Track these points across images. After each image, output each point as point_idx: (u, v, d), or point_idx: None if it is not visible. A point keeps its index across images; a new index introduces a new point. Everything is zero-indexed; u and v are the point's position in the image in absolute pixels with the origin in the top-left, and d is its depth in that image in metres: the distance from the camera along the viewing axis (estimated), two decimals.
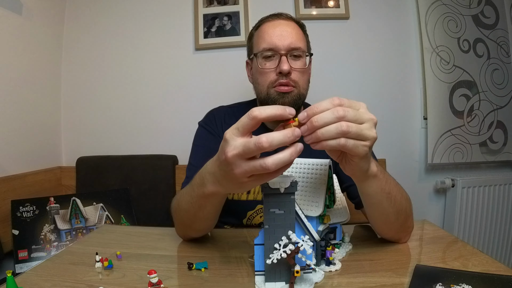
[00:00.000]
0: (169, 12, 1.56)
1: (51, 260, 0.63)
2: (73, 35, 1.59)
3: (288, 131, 0.42)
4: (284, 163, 0.43)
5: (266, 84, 0.84)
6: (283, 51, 0.81)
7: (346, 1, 1.50)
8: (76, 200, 1.29)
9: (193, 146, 0.92)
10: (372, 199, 0.61)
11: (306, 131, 0.46)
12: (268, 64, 0.84)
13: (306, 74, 0.86)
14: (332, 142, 0.46)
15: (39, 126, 1.45)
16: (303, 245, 0.45)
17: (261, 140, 0.41)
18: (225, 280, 0.54)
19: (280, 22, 0.85)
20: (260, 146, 0.41)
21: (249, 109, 0.44)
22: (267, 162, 0.42)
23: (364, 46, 1.51)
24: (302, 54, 0.84)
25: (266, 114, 0.42)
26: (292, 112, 0.43)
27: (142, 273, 0.55)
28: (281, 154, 0.43)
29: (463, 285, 0.47)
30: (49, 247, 1.20)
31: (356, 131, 0.47)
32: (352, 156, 0.50)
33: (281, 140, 0.42)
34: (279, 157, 0.42)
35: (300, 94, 0.84)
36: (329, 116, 0.46)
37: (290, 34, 0.83)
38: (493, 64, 1.53)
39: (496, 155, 1.55)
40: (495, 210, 1.52)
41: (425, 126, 1.52)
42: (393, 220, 0.63)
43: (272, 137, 0.41)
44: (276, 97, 0.83)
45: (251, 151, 0.42)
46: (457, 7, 1.49)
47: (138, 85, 1.58)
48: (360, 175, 0.56)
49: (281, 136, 0.42)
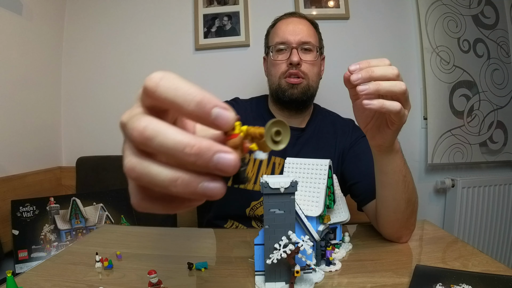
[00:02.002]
0: (169, 12, 1.56)
1: (51, 260, 0.63)
2: (73, 35, 1.59)
3: (192, 139, 0.20)
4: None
5: (278, 74, 0.91)
6: (294, 44, 0.88)
7: (346, 1, 1.50)
8: (76, 200, 1.29)
9: None
10: (389, 178, 0.62)
11: (358, 79, 0.45)
12: (281, 56, 0.91)
13: (316, 67, 0.92)
14: (388, 103, 0.46)
15: (39, 126, 1.45)
16: (303, 245, 0.45)
17: (137, 124, 0.21)
18: (225, 280, 0.54)
19: (293, 20, 0.93)
20: (129, 132, 0.23)
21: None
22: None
23: (364, 46, 1.51)
24: (312, 48, 0.90)
25: (165, 87, 0.22)
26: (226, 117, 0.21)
27: (142, 273, 0.55)
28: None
29: (463, 285, 0.47)
30: (49, 247, 1.20)
31: (407, 97, 0.48)
32: (391, 124, 0.52)
33: (173, 143, 0.20)
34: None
35: (309, 85, 0.90)
36: (389, 71, 0.46)
37: (302, 30, 0.90)
38: (493, 64, 1.53)
39: (496, 155, 1.55)
40: (495, 210, 1.51)
41: (425, 126, 1.52)
42: (403, 208, 0.64)
43: (159, 129, 0.21)
44: (286, 87, 0.89)
45: (126, 132, 0.24)
46: (457, 7, 1.49)
47: (138, 85, 1.51)
48: (387, 147, 0.58)
49: (178, 137, 0.20)
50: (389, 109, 0.47)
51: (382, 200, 0.67)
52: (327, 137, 0.93)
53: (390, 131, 0.53)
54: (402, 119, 0.50)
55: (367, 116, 0.55)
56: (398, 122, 0.51)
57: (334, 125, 0.96)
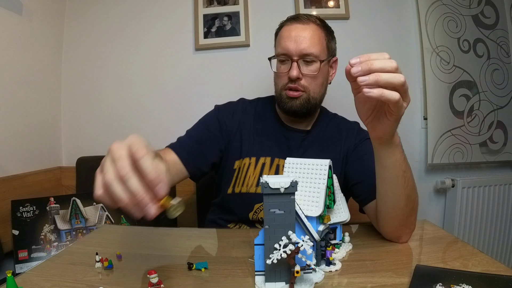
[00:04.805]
0: (169, 12, 1.56)
1: (51, 260, 0.63)
2: (73, 35, 1.59)
3: (139, 193, 0.39)
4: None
5: (280, 86, 0.90)
6: (295, 56, 0.85)
7: (346, 1, 1.50)
8: (76, 200, 1.28)
9: (199, 120, 0.97)
10: (389, 172, 0.63)
11: (358, 72, 0.47)
12: (283, 67, 0.89)
13: (320, 77, 0.89)
14: (388, 92, 0.48)
15: (39, 126, 1.45)
16: (303, 245, 0.45)
17: (107, 177, 0.39)
18: (225, 280, 0.54)
19: (296, 27, 0.87)
20: (105, 170, 0.41)
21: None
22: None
23: (364, 46, 1.51)
24: (314, 59, 0.86)
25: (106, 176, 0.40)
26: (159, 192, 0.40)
27: (142, 273, 0.55)
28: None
29: (463, 285, 0.47)
30: (49, 247, 1.20)
31: (406, 89, 0.50)
32: (390, 114, 0.54)
33: (133, 189, 0.39)
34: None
35: (310, 98, 0.88)
36: (388, 64, 0.48)
37: (304, 39, 0.85)
38: (493, 64, 1.53)
39: (496, 155, 1.55)
40: (495, 210, 1.51)
41: (425, 126, 1.52)
42: (403, 205, 0.64)
43: (106, 172, 0.41)
44: (286, 100, 0.88)
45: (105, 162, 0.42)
46: (457, 7, 1.49)
47: (138, 85, 1.58)
48: (387, 139, 0.60)
49: (135, 189, 0.39)
50: (388, 98, 0.49)
51: (382, 196, 0.67)
52: (332, 139, 0.93)
53: (390, 122, 0.55)
54: (400, 110, 0.52)
55: (368, 108, 0.57)
56: (397, 112, 0.53)
57: (339, 128, 0.96)
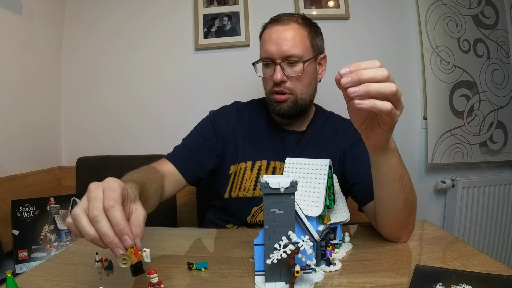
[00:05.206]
0: (169, 12, 1.56)
1: (51, 260, 0.63)
2: (73, 35, 1.59)
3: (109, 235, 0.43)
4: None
5: (267, 90, 0.90)
6: (278, 59, 0.84)
7: (346, 1, 1.50)
8: (76, 200, 1.28)
9: (194, 128, 0.97)
10: (386, 177, 0.62)
11: (348, 83, 0.46)
12: (267, 71, 0.89)
13: (305, 78, 0.87)
14: (379, 103, 0.47)
15: (39, 126, 1.45)
16: (303, 245, 0.45)
17: (81, 226, 0.43)
18: (225, 280, 0.54)
19: (277, 29, 0.85)
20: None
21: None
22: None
23: (364, 46, 1.51)
24: (298, 60, 0.84)
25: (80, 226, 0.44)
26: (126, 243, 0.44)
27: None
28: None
29: (463, 285, 0.47)
30: (49, 247, 1.20)
31: (399, 97, 0.49)
32: (383, 124, 0.53)
33: (102, 232, 0.43)
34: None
35: (297, 99, 0.87)
36: (379, 73, 0.46)
37: (285, 41, 0.83)
38: (493, 64, 1.53)
39: (496, 155, 1.55)
40: (495, 210, 1.51)
41: (425, 126, 1.52)
42: (401, 208, 0.64)
43: (79, 223, 0.44)
44: (274, 103, 0.88)
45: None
46: (457, 7, 1.49)
47: (138, 85, 1.58)
48: (382, 146, 0.58)
49: (105, 232, 0.43)
50: (380, 109, 0.48)
51: (379, 200, 0.67)
52: (328, 139, 0.92)
53: (383, 131, 0.54)
54: (393, 119, 0.51)
55: (361, 116, 0.56)
56: (390, 122, 0.52)
57: (335, 127, 0.95)
